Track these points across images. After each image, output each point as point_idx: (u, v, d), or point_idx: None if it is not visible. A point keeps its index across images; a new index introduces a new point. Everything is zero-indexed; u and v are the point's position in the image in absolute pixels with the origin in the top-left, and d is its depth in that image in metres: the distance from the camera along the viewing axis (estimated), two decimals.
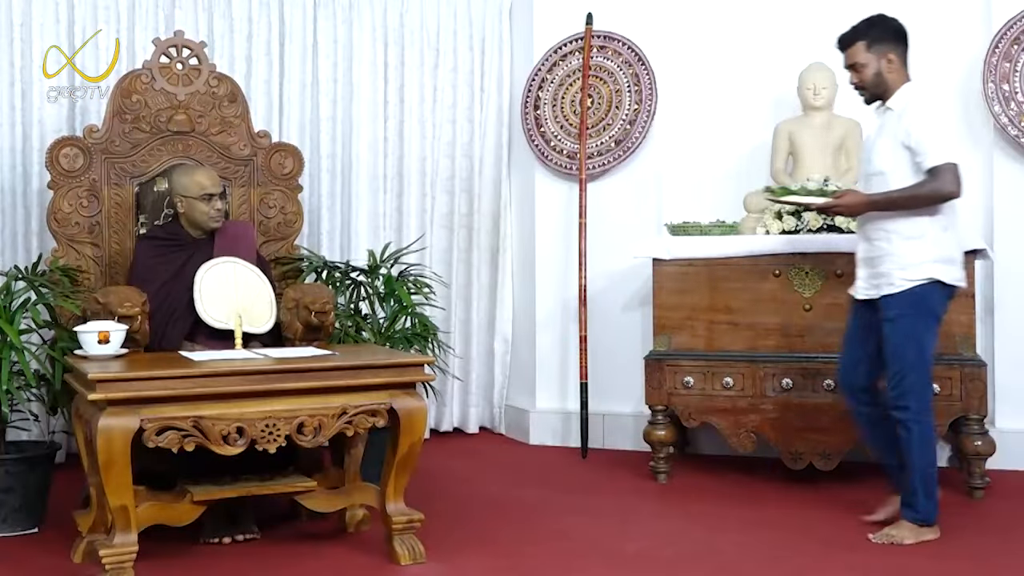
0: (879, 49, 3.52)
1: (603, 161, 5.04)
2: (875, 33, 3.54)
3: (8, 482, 3.59)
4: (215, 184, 3.81)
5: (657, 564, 3.31)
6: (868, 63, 3.53)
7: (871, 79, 3.54)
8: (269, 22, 5.03)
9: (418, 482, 3.79)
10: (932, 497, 3.49)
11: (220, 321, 3.65)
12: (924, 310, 3.47)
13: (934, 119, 3.44)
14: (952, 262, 3.51)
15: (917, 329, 3.47)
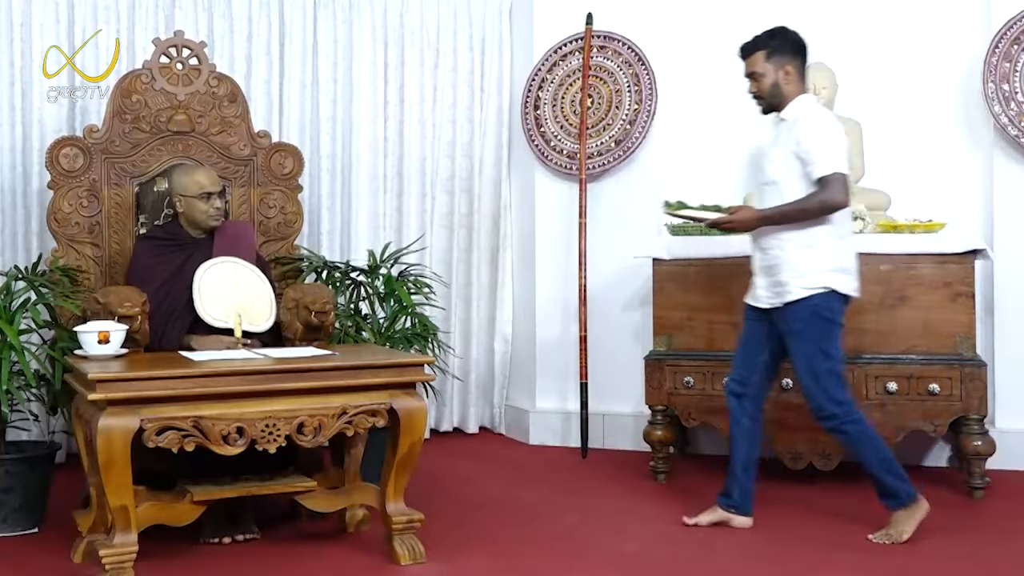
0: (778, 61, 3.57)
1: (603, 161, 5.04)
2: (775, 44, 3.59)
3: (8, 482, 3.59)
4: (214, 183, 3.81)
5: (657, 564, 3.31)
6: (766, 73, 3.58)
7: (768, 89, 3.58)
8: (269, 22, 5.03)
9: (418, 482, 3.80)
10: (901, 476, 3.52)
11: (219, 320, 3.65)
12: (824, 319, 3.49)
13: (824, 130, 3.47)
14: (847, 271, 3.53)
15: (820, 340, 3.49)
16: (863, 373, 4.08)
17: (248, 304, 3.72)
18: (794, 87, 3.58)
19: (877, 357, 4.10)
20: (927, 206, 4.52)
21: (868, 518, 3.79)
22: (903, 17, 4.79)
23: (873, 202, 4.39)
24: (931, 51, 4.74)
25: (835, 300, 3.50)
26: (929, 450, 4.58)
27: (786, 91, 3.57)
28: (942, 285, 4.06)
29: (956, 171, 4.69)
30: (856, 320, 4.12)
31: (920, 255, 4.08)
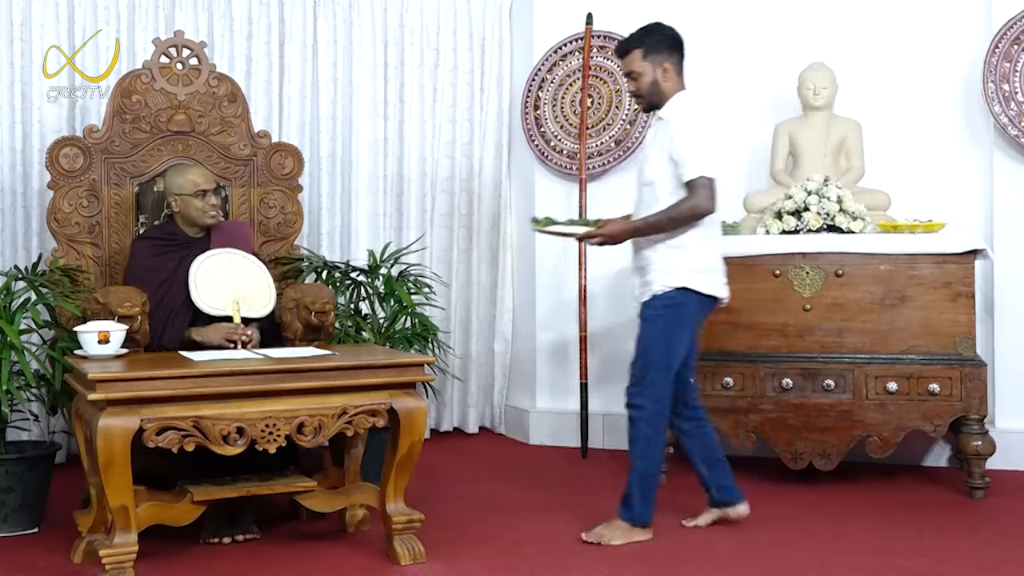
0: (655, 58, 3.51)
1: (603, 161, 5.04)
2: (651, 42, 3.52)
3: (8, 482, 3.59)
4: (208, 180, 3.81)
5: (657, 564, 3.31)
6: (644, 72, 3.52)
7: (647, 88, 3.54)
8: (269, 22, 5.03)
9: (418, 482, 3.80)
10: (648, 499, 3.52)
11: (217, 308, 3.65)
12: (679, 315, 3.49)
13: (694, 131, 3.45)
14: (710, 272, 3.52)
15: (669, 331, 3.49)
16: (863, 373, 4.08)
17: (246, 291, 3.72)
18: (672, 84, 3.53)
19: (877, 357, 4.10)
20: (927, 206, 4.52)
21: (868, 518, 3.79)
22: (903, 17, 4.79)
23: (873, 202, 4.39)
24: (931, 51, 4.74)
25: (694, 300, 3.49)
26: (929, 450, 4.59)
27: (665, 88, 3.52)
28: (942, 285, 4.07)
29: (956, 171, 4.69)
30: (856, 320, 4.13)
31: (920, 255, 4.08)
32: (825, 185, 4.29)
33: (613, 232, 3.54)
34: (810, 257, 4.19)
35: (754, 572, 3.24)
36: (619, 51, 3.62)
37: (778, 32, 4.92)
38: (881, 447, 4.08)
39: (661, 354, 3.49)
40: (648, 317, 3.52)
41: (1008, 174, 4.55)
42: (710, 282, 3.52)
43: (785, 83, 4.81)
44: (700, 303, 3.52)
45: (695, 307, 3.51)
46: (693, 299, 3.50)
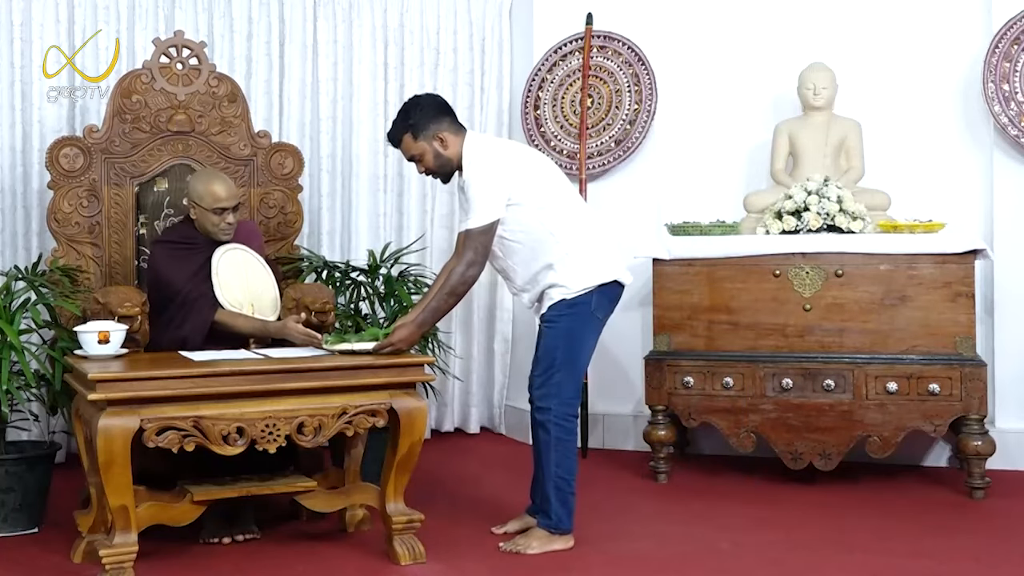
0: (425, 134, 3.43)
1: (603, 161, 5.04)
2: (414, 121, 3.44)
3: (8, 482, 3.59)
4: (231, 198, 3.70)
5: (657, 564, 3.31)
6: (423, 151, 3.46)
7: (435, 164, 3.48)
8: (269, 22, 5.03)
9: (418, 482, 3.79)
10: (567, 504, 3.42)
11: (235, 306, 3.65)
12: (582, 313, 3.40)
13: (477, 175, 3.35)
14: (599, 262, 3.41)
15: (572, 330, 3.41)
16: (863, 373, 4.08)
17: (258, 293, 3.73)
18: (454, 146, 3.43)
19: (877, 357, 4.10)
20: (927, 206, 4.52)
21: (868, 518, 3.79)
22: (903, 17, 4.79)
23: (873, 202, 4.39)
24: (931, 51, 4.74)
25: (594, 294, 3.41)
26: (929, 450, 4.58)
27: (450, 154, 3.44)
28: (942, 285, 4.06)
29: (956, 171, 4.69)
30: (856, 320, 4.13)
31: (920, 255, 4.08)
32: (825, 185, 4.29)
33: (404, 337, 3.34)
34: (810, 257, 4.19)
35: (754, 572, 3.24)
36: (392, 143, 3.54)
37: (778, 32, 4.92)
38: (881, 447, 4.08)
39: (565, 354, 3.40)
40: (549, 318, 3.44)
41: (1008, 174, 4.55)
42: (603, 271, 3.42)
43: (785, 83, 4.81)
44: (600, 295, 3.42)
45: (596, 300, 3.41)
46: (593, 294, 3.41)
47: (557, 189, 3.50)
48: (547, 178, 3.50)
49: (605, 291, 3.45)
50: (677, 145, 5.07)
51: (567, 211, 3.46)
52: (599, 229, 3.54)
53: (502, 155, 3.44)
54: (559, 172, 3.62)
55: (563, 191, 3.52)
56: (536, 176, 3.46)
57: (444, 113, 3.48)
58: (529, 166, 3.47)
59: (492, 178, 3.35)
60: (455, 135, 3.46)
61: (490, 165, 3.37)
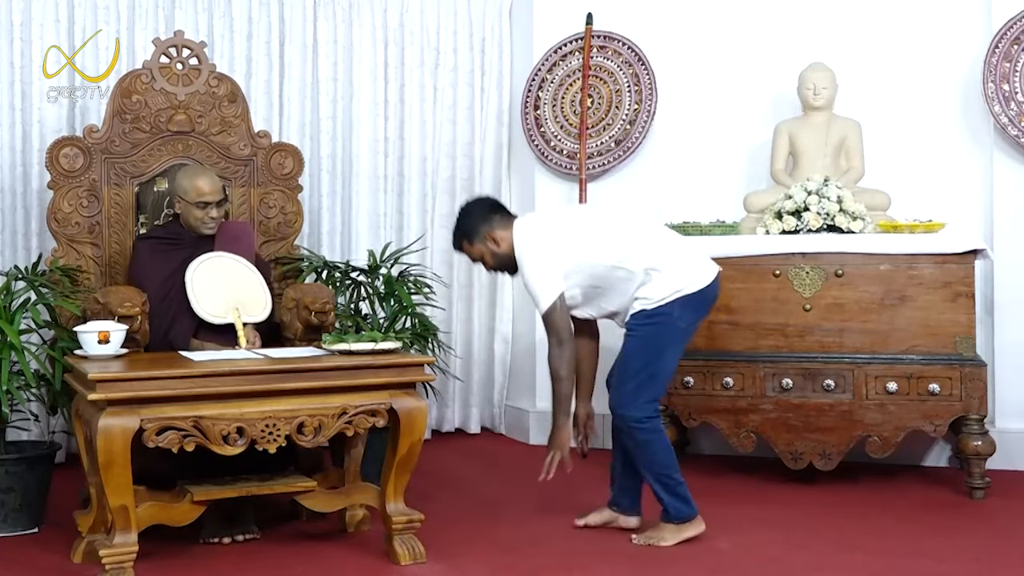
0: (479, 237, 3.59)
1: (603, 161, 5.04)
2: (467, 229, 3.62)
3: (8, 482, 3.59)
4: (214, 192, 3.76)
5: (657, 564, 3.31)
6: (483, 252, 3.62)
7: (495, 262, 3.63)
8: (269, 22, 5.03)
9: (418, 482, 3.79)
10: (678, 494, 3.50)
11: (218, 316, 3.65)
12: (665, 323, 3.47)
13: (527, 262, 3.49)
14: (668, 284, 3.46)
15: (649, 338, 3.48)
16: (863, 373, 4.08)
17: (243, 295, 3.72)
18: (506, 241, 3.57)
19: (877, 357, 4.10)
20: (927, 206, 4.52)
21: (868, 518, 3.79)
22: (903, 17, 4.79)
23: (873, 202, 4.39)
24: (931, 51, 4.74)
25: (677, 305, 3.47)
26: (929, 450, 4.59)
27: (505, 249, 3.57)
28: (942, 285, 4.07)
29: (956, 171, 4.69)
30: (856, 320, 4.13)
31: (920, 255, 4.08)
32: (825, 185, 4.29)
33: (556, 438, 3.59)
34: (810, 257, 4.19)
35: (754, 572, 3.24)
36: (457, 249, 3.71)
37: (778, 32, 4.92)
38: (881, 447, 4.08)
39: (640, 363, 3.49)
40: (629, 327, 3.54)
41: (1008, 174, 4.55)
42: (682, 283, 3.47)
43: (785, 83, 4.81)
44: (683, 305, 3.48)
45: (679, 311, 3.48)
46: (675, 304, 3.47)
47: (612, 233, 3.56)
48: (598, 229, 3.57)
49: (689, 301, 3.49)
50: (677, 145, 5.07)
51: (630, 247, 3.51)
52: (670, 244, 3.58)
53: (543, 233, 3.54)
54: (611, 212, 3.81)
55: (620, 231, 3.57)
56: (584, 234, 3.54)
57: (492, 213, 3.63)
58: (572, 228, 3.57)
59: (539, 260, 3.48)
60: (505, 230, 3.58)
61: (534, 248, 3.50)
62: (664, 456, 3.52)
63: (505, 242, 3.57)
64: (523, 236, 3.54)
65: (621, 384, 3.53)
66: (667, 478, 3.51)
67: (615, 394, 3.55)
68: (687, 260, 3.54)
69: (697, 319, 3.58)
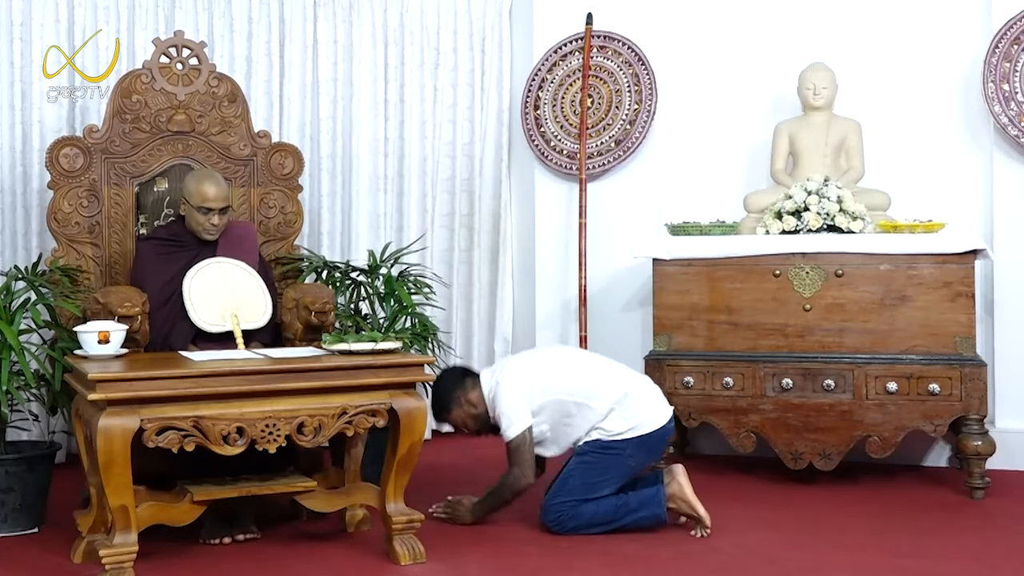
0: (456, 404, 3.73)
1: (603, 161, 5.04)
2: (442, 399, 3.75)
3: (8, 482, 3.59)
4: (218, 200, 3.75)
5: (657, 564, 3.31)
6: (464, 417, 3.74)
7: (476, 424, 3.75)
8: (269, 22, 5.03)
9: (418, 482, 3.79)
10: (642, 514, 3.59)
11: (216, 324, 3.64)
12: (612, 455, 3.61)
13: (499, 395, 3.63)
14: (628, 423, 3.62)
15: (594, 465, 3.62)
16: (863, 373, 4.08)
17: (242, 301, 3.71)
18: (480, 402, 3.70)
19: (877, 357, 4.10)
20: (927, 206, 4.52)
21: (868, 518, 3.79)
22: (903, 17, 4.79)
23: (873, 202, 4.39)
24: (931, 51, 4.74)
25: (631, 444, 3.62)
26: (929, 450, 4.59)
27: (480, 408, 3.70)
28: (942, 285, 4.07)
29: (956, 171, 4.69)
30: (856, 320, 4.13)
31: (920, 255, 4.08)
32: (825, 185, 4.29)
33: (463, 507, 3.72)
34: (810, 257, 4.19)
35: (754, 572, 3.24)
36: (439, 420, 3.88)
37: (778, 32, 4.92)
38: (881, 447, 4.08)
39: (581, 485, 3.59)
40: (580, 451, 3.68)
41: (1008, 174, 4.55)
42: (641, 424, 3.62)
43: (785, 83, 4.81)
44: (637, 445, 3.62)
45: (632, 448, 3.62)
46: (632, 444, 3.62)
47: (579, 373, 3.71)
48: (565, 369, 3.72)
49: (644, 441, 3.64)
50: (677, 145, 5.07)
51: (595, 385, 3.66)
52: (631, 384, 3.70)
53: (515, 374, 3.67)
54: (576, 353, 4.00)
55: (585, 371, 3.73)
56: (553, 375, 3.68)
57: (463, 378, 3.78)
58: (542, 370, 3.71)
59: (511, 394, 3.62)
60: (476, 389, 3.73)
61: (506, 385, 3.63)
62: (598, 515, 3.59)
63: (480, 401, 3.70)
64: (492, 378, 3.69)
65: (556, 495, 3.61)
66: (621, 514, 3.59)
67: (548, 499, 3.62)
68: (646, 401, 3.68)
69: (648, 460, 3.72)
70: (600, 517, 3.58)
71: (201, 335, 3.66)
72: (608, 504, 3.59)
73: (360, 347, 3.36)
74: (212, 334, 3.65)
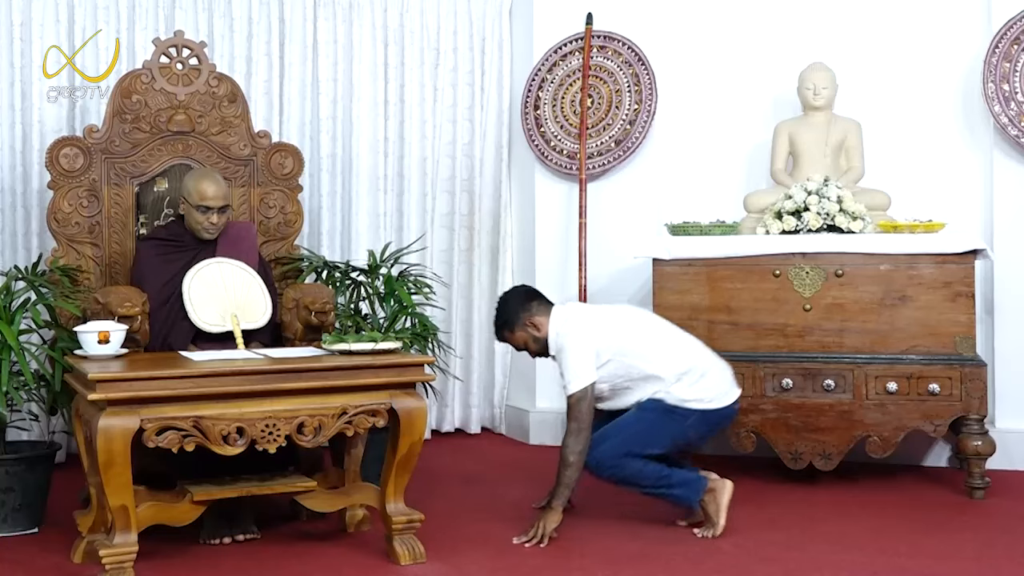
0: (520, 324, 3.73)
1: (603, 161, 5.04)
2: (506, 317, 3.75)
3: (8, 482, 3.59)
4: (217, 199, 3.75)
5: (657, 564, 3.31)
6: (526, 339, 3.75)
7: (537, 346, 3.74)
8: (269, 22, 5.03)
9: (418, 482, 3.79)
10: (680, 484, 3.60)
11: (216, 325, 3.64)
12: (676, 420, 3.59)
13: (565, 346, 3.61)
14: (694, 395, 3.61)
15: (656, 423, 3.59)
16: (863, 373, 4.08)
17: (243, 301, 3.71)
18: (545, 326, 3.70)
19: (877, 357, 4.10)
20: (927, 206, 4.52)
21: (868, 518, 3.79)
22: (903, 17, 4.79)
23: (873, 202, 4.39)
24: (931, 51, 4.74)
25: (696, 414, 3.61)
26: (929, 450, 4.58)
27: (543, 333, 3.70)
28: (942, 285, 4.07)
29: (956, 171, 4.69)
30: (856, 320, 4.13)
31: (920, 255, 4.08)
32: (825, 185, 4.29)
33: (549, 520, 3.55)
34: (810, 257, 4.19)
35: (754, 572, 3.24)
36: (499, 338, 3.86)
37: (778, 32, 4.92)
38: (881, 447, 4.08)
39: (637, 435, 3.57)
40: (645, 405, 3.63)
41: (1008, 174, 4.55)
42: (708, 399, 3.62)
43: (785, 83, 4.81)
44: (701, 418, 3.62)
45: (696, 419, 3.61)
46: (697, 415, 3.61)
47: (652, 338, 3.70)
48: (638, 332, 3.70)
49: (708, 416, 3.64)
50: (677, 145, 5.07)
51: (666, 353, 3.65)
52: (703, 362, 3.70)
53: (586, 324, 3.65)
54: (651, 317, 3.90)
55: (659, 338, 3.71)
56: (624, 334, 3.66)
57: (529, 300, 3.76)
58: (613, 326, 3.68)
59: (579, 346, 3.59)
60: (543, 316, 3.72)
61: (575, 335, 3.61)
62: (639, 472, 3.57)
63: (545, 327, 3.69)
64: (564, 322, 3.67)
65: (607, 437, 3.59)
66: (658, 482, 3.58)
67: (598, 439, 3.59)
68: (716, 378, 3.67)
69: (706, 436, 3.72)
70: (641, 478, 3.57)
71: (201, 335, 3.66)
72: (652, 469, 3.57)
73: (360, 347, 3.36)
74: (212, 334, 3.65)
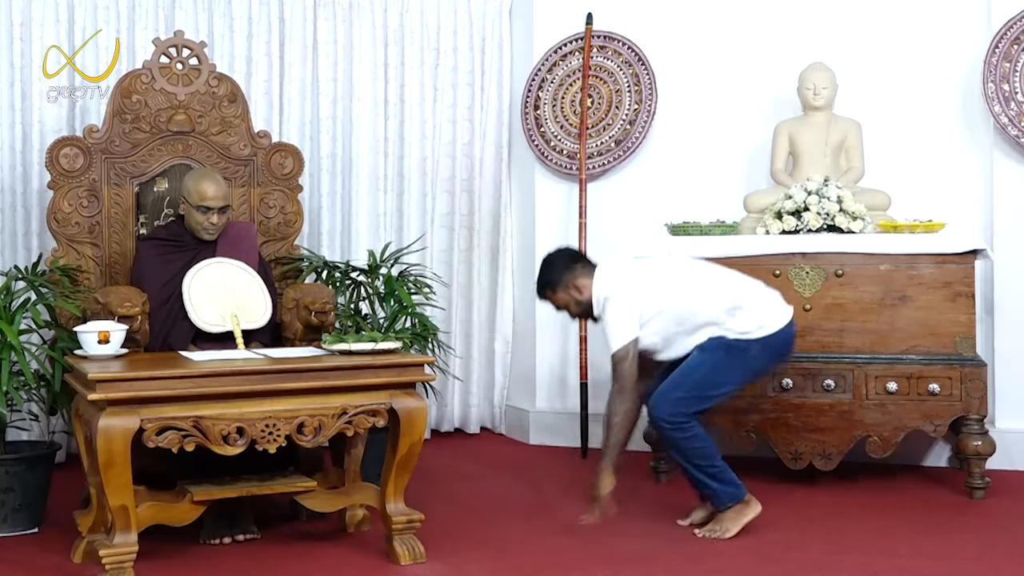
0: (563, 286, 3.72)
1: (603, 161, 5.04)
2: (550, 277, 3.74)
3: (8, 482, 3.59)
4: (217, 199, 3.75)
5: (658, 563, 3.31)
6: (568, 300, 3.74)
7: (579, 308, 3.75)
8: (269, 22, 5.03)
9: (418, 482, 3.79)
10: (725, 480, 3.57)
11: (216, 325, 3.64)
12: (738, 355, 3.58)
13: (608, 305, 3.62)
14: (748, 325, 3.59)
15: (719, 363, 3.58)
16: (863, 373, 4.08)
17: (243, 301, 3.71)
18: (587, 289, 3.69)
19: (877, 357, 4.10)
20: (927, 206, 4.52)
21: (868, 518, 3.79)
22: (903, 17, 4.79)
23: (873, 202, 4.39)
24: (931, 51, 4.74)
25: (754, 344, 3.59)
26: (929, 450, 4.59)
27: (586, 296, 3.69)
28: (942, 285, 4.07)
29: (956, 171, 4.69)
30: (856, 320, 4.13)
31: (920, 255, 4.08)
32: (825, 185, 4.29)
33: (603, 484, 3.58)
34: (810, 257, 4.19)
35: (754, 572, 3.24)
36: (541, 297, 3.84)
37: (778, 32, 4.92)
38: (881, 447, 4.08)
39: (700, 381, 3.56)
40: (703, 347, 3.61)
41: (1008, 174, 4.55)
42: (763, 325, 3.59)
43: (785, 83, 4.81)
44: (762, 346, 3.59)
45: (757, 349, 3.59)
46: (758, 344, 3.58)
47: (694, 278, 3.70)
48: (680, 276, 3.71)
49: (770, 342, 3.61)
50: (677, 145, 5.07)
51: (712, 290, 3.65)
52: (750, 286, 3.70)
53: (627, 279, 3.65)
54: (691, 261, 3.87)
55: (701, 276, 3.71)
56: (666, 281, 3.67)
57: (573, 262, 3.76)
58: (655, 276, 3.69)
59: (621, 303, 3.59)
60: (587, 278, 3.70)
61: (617, 293, 3.61)
62: (702, 448, 3.57)
63: (587, 290, 3.68)
64: (606, 281, 3.66)
65: (671, 389, 3.58)
66: (709, 467, 3.57)
67: (658, 395, 3.59)
68: (765, 305, 3.66)
69: (772, 363, 3.70)
70: (695, 453, 3.55)
71: (201, 335, 3.66)
72: (712, 452, 3.57)
73: (360, 347, 3.36)
74: (212, 334, 3.65)
